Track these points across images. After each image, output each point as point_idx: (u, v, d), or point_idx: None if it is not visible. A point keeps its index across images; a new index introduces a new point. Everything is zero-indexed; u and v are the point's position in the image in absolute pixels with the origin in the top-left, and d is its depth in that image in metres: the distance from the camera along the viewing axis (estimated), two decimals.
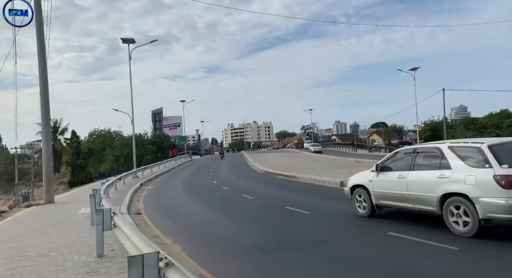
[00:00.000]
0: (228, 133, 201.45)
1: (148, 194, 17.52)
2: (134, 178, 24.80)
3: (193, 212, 11.62)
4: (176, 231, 8.46)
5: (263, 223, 8.71)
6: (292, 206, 10.25)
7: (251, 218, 9.54)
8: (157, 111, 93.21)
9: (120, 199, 14.40)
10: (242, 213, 10.52)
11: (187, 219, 10.32)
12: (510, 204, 5.15)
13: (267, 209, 10.71)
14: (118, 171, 57.06)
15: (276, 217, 9.34)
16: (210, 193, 16.41)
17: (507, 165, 5.36)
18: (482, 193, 5.41)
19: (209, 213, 11.05)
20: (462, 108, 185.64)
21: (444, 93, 41.21)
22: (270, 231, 7.76)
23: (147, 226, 9.21)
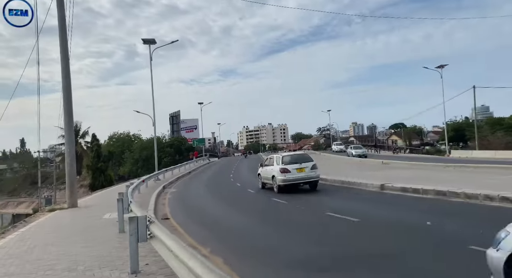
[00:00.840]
0: (244, 136, 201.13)
1: (172, 197, 16.87)
2: (156, 180, 24.28)
3: (223, 217, 10.84)
4: (211, 240, 7.66)
5: (307, 232, 7.82)
6: (333, 211, 9.32)
7: (291, 225, 8.66)
8: (175, 114, 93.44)
9: (144, 203, 13.76)
10: (278, 219, 9.66)
11: (219, 225, 9.53)
12: (283, 179, 13.82)
13: (306, 215, 9.79)
14: (137, 173, 57.14)
15: (320, 224, 8.42)
16: (236, 196, 15.61)
17: (284, 164, 14.16)
18: (277, 174, 14.16)
19: (241, 219, 10.24)
20: (484, 108, 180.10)
21: (475, 91, 39.25)
22: (319, 242, 6.86)
23: (179, 233, 8.44)
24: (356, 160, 36.08)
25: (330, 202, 11.57)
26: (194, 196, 17.57)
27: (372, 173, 19.84)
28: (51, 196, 52.18)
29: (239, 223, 9.59)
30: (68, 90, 13.71)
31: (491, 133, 56.28)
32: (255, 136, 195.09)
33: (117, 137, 73.45)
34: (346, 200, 11.74)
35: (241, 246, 7.00)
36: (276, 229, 8.46)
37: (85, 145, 56.58)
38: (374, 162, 31.55)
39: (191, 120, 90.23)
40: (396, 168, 23.08)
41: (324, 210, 9.71)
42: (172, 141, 67.72)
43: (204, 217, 11.19)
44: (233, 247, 6.98)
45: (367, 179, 15.54)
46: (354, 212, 9.02)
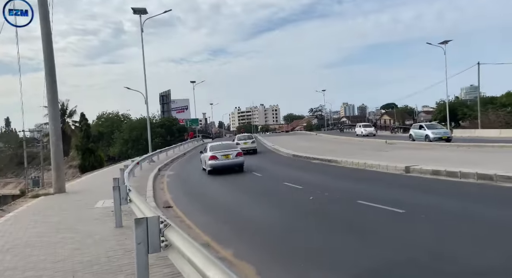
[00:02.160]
0: (235, 117, 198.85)
1: (170, 181, 15.43)
2: (150, 162, 22.73)
3: (234, 205, 9.46)
4: (231, 237, 6.28)
5: (345, 225, 6.46)
6: (365, 199, 7.99)
7: (318, 216, 7.30)
8: (165, 93, 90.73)
9: (141, 187, 12.31)
10: (299, 207, 8.30)
11: (233, 216, 8.14)
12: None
13: (333, 204, 8.42)
14: (128, 154, 55.57)
15: (357, 216, 7.04)
16: (242, 180, 14.23)
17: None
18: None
19: (255, 207, 8.87)
20: (473, 88, 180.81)
21: (479, 68, 38.06)
22: (365, 240, 5.51)
23: (188, 227, 7.04)
24: (355, 139, 34.93)
25: (355, 187, 10.25)
26: (193, 179, 16.14)
27: (380, 153, 18.63)
28: (38, 177, 50.26)
29: (256, 213, 8.22)
30: (50, 59, 11.87)
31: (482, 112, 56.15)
32: (247, 117, 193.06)
33: (106, 117, 71.15)
34: (373, 185, 10.39)
35: (273, 247, 5.58)
36: (306, 221, 7.10)
37: (73, 124, 54.24)
38: (376, 141, 30.36)
39: (182, 100, 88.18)
40: (404, 148, 21.91)
41: (354, 198, 8.38)
42: (163, 121, 65.83)
43: (211, 204, 9.79)
44: (263, 249, 5.58)
45: (381, 160, 14.28)
46: (391, 200, 7.71)
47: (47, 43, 12.01)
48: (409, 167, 11.28)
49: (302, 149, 25.18)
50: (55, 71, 11.75)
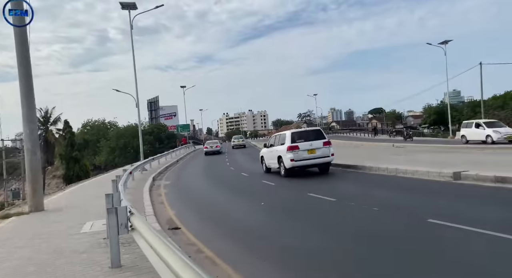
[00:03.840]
0: (224, 123, 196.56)
1: (168, 192, 13.35)
2: (142, 171, 20.54)
3: (255, 224, 7.48)
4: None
5: (434, 260, 4.58)
6: (437, 217, 6.08)
7: (381, 241, 5.41)
8: (153, 100, 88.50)
9: (137, 201, 10.23)
10: (348, 227, 6.41)
11: (265, 242, 6.17)
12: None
13: (393, 223, 6.51)
14: (115, 163, 53.11)
15: (444, 245, 5.12)
16: (251, 188, 12.26)
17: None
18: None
19: (290, 230, 6.93)
20: (456, 93, 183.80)
21: (481, 69, 37.12)
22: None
23: (212, 263, 5.05)
24: (356, 143, 33.43)
25: (406, 199, 8.40)
26: (194, 189, 14.12)
27: (397, 157, 16.91)
28: (19, 188, 47.11)
29: (297, 238, 6.29)
30: (23, 43, 9.76)
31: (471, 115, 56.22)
32: (235, 123, 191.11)
33: (92, 125, 68.38)
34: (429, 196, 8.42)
35: None
36: (376, 255, 5.21)
37: (56, 132, 51.24)
38: (381, 145, 28.90)
39: (170, 107, 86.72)
40: (420, 151, 20.34)
41: (418, 214, 6.52)
42: (151, 127, 63.68)
43: (225, 221, 7.84)
44: None
45: (414, 165, 12.54)
46: (475, 219, 5.91)
47: (20, 31, 9.91)
48: (458, 173, 9.50)
49: None
50: (30, 61, 9.62)
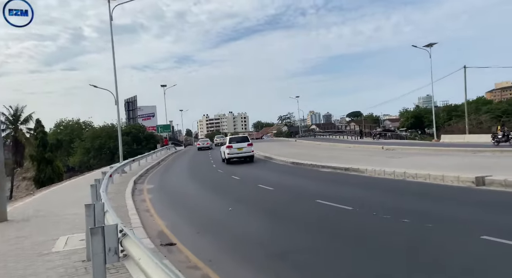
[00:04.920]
0: (204, 124, 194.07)
1: (154, 198, 12.00)
2: (121, 173, 18.98)
3: (269, 238, 6.37)
4: None
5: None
6: (490, 233, 5.19)
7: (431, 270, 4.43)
8: (131, 100, 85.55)
9: (120, 209, 8.90)
10: (382, 244, 5.42)
11: (279, 259, 5.07)
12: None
13: (443, 240, 5.55)
14: (89, 164, 50.62)
15: None
16: (249, 193, 11.12)
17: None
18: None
19: (303, 239, 5.88)
20: (428, 98, 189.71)
21: (466, 73, 37.45)
22: None
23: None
24: (342, 145, 32.81)
25: (434, 209, 7.48)
26: (181, 193, 12.84)
27: (392, 160, 16.25)
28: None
29: (317, 256, 5.22)
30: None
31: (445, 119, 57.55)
32: (216, 125, 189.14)
33: (66, 124, 65.27)
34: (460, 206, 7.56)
35: None
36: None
37: (27, 132, 48.20)
38: (370, 147, 28.36)
39: (149, 107, 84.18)
40: (414, 154, 19.73)
41: (466, 229, 5.59)
42: (129, 128, 61.27)
43: (225, 233, 6.70)
44: None
45: (423, 169, 11.76)
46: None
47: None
48: (482, 177, 8.70)
49: (294, 155, 22.46)
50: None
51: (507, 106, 59.73)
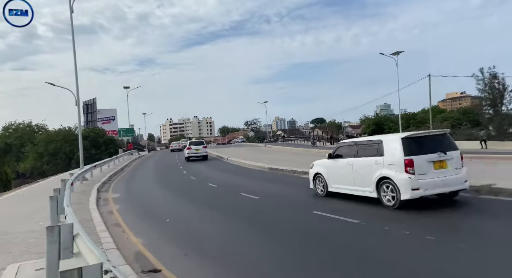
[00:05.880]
0: (167, 129, 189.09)
1: (122, 209, 10.53)
2: (82, 181, 17.10)
3: (267, 256, 5.33)
4: None
5: None
6: None
7: None
8: (90, 102, 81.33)
9: (85, 224, 7.43)
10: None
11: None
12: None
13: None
14: (42, 170, 47.07)
15: None
16: (237, 208, 9.99)
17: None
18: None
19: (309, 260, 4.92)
20: (386, 106, 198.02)
21: (430, 80, 38.70)
22: None
23: None
24: (314, 151, 32.51)
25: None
26: (155, 204, 11.42)
27: None
28: None
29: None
30: None
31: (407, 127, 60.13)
32: (180, 129, 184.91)
33: (15, 127, 60.38)
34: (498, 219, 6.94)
35: None
36: None
37: None
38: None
39: (109, 110, 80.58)
40: None
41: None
42: (87, 132, 57.74)
43: (217, 253, 5.58)
44: None
45: None
46: None
47: None
48: (489, 186, 8.24)
49: (268, 161, 21.65)
50: None
51: (458, 115, 63.41)
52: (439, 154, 7.30)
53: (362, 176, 8.13)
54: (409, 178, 7.09)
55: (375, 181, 7.71)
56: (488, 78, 40.78)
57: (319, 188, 9.95)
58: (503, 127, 40.47)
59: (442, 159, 7.31)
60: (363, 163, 8.16)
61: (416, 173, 7.09)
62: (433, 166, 7.24)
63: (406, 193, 7.07)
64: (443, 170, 7.29)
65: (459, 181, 7.41)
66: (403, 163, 7.18)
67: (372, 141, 8.47)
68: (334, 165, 9.24)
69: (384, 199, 7.56)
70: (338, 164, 9.06)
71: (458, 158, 7.58)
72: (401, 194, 7.15)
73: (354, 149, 8.72)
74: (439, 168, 7.27)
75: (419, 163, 7.15)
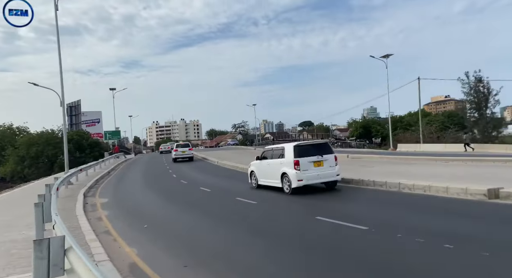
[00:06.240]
0: (153, 132, 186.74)
1: (111, 215, 9.94)
2: (67, 185, 16.33)
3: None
4: None
5: None
6: None
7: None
8: (74, 104, 79.45)
9: (73, 232, 6.85)
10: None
11: None
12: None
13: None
14: (23, 174, 45.54)
15: None
16: (241, 215, 9.54)
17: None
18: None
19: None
20: (372, 109, 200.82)
21: (420, 83, 39.06)
22: None
23: None
24: None
25: (459, 228, 6.51)
26: (147, 209, 10.87)
27: (368, 169, 15.67)
28: None
29: None
30: None
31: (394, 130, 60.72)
32: (166, 132, 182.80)
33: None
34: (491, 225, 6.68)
35: None
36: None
37: None
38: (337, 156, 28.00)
39: (93, 113, 79.01)
40: (385, 162, 19.46)
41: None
42: (71, 134, 56.23)
43: (222, 262, 5.17)
44: None
45: (417, 179, 11.07)
46: None
47: None
48: (495, 189, 7.98)
49: None
50: None
51: (443, 118, 64.45)
52: (318, 157, 10.63)
53: (274, 172, 11.43)
54: (296, 172, 10.42)
55: (280, 175, 11.10)
56: (473, 82, 41.51)
57: (253, 182, 13.16)
58: (488, 131, 41.28)
59: (320, 160, 10.65)
60: (275, 163, 11.51)
61: (301, 169, 10.43)
62: (313, 164, 10.59)
63: (294, 183, 10.45)
64: (320, 167, 10.64)
65: (332, 175, 10.72)
66: (293, 162, 10.49)
67: (280, 147, 11.77)
68: (261, 165, 12.46)
69: (284, 187, 11.00)
70: (263, 164, 12.31)
71: (333, 159, 10.82)
72: (292, 183, 10.55)
73: (271, 153, 12.02)
74: (317, 166, 10.64)
75: (303, 163, 10.46)
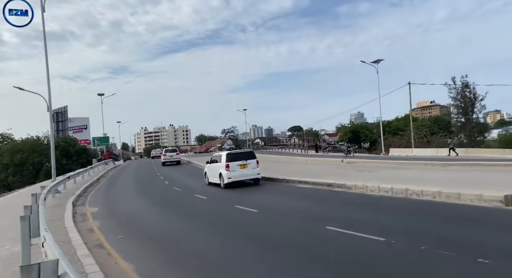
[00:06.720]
0: (142, 138, 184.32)
1: (104, 225, 9.30)
2: (55, 194, 15.52)
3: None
4: None
5: None
6: None
7: None
8: (60, 110, 77.72)
9: (64, 246, 6.23)
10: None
11: None
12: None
13: None
14: (7, 182, 44.05)
15: None
16: (234, 221, 9.00)
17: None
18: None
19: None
20: (360, 115, 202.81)
21: (410, 88, 39.21)
22: None
23: None
24: (300, 158, 32.05)
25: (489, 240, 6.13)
26: (142, 219, 10.24)
27: (365, 174, 15.37)
28: None
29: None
30: None
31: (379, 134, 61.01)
32: (155, 138, 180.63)
33: None
34: None
35: None
36: None
37: None
38: (328, 160, 27.73)
39: (81, 119, 77.52)
40: (382, 167, 19.16)
41: None
42: (57, 141, 54.77)
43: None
44: None
45: (424, 184, 10.73)
46: None
47: None
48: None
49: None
50: None
51: (430, 123, 65.13)
52: (243, 161, 14.79)
53: (216, 173, 15.49)
54: (227, 173, 14.56)
55: (218, 175, 15.17)
56: (460, 87, 41.91)
57: (206, 181, 16.97)
58: (474, 135, 41.66)
59: (245, 163, 14.79)
60: (216, 166, 15.59)
61: (230, 170, 14.57)
62: (239, 167, 14.73)
63: (226, 180, 14.56)
64: (245, 169, 14.81)
65: (254, 174, 14.98)
66: (225, 165, 14.62)
67: (220, 154, 16.14)
68: (210, 167, 16.60)
69: (221, 183, 14.88)
70: (211, 167, 16.45)
71: (255, 163, 14.99)
72: (224, 180, 14.63)
73: (216, 158, 16.11)
74: (242, 168, 14.78)
75: (232, 166, 14.61)
